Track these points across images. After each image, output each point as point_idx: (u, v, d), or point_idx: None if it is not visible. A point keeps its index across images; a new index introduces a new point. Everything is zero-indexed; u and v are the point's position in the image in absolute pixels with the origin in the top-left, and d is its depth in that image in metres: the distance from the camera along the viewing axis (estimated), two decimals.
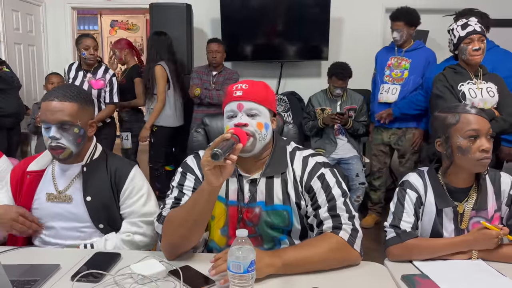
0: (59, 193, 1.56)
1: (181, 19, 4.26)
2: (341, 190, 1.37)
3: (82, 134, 1.53)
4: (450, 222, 1.44)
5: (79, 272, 1.23)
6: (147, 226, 1.57)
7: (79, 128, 1.51)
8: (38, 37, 4.80)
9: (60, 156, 1.50)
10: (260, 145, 1.36)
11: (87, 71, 3.56)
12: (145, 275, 1.20)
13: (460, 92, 2.32)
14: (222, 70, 3.93)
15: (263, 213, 1.39)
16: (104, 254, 1.36)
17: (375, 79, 3.60)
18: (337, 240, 1.27)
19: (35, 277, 1.21)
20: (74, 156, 1.53)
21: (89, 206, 1.54)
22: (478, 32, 2.32)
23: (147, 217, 1.57)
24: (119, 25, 8.04)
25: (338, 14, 4.56)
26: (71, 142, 1.50)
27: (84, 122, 1.53)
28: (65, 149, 1.49)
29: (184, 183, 1.41)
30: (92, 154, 1.60)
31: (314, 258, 1.24)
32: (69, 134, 1.49)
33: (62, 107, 1.47)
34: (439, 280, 1.24)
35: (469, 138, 1.39)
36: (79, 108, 1.51)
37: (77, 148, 1.53)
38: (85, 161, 1.58)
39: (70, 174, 1.58)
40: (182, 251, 1.35)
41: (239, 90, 1.36)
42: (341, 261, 1.28)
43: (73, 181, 1.57)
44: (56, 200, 1.55)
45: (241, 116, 1.34)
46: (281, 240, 1.41)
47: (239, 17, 4.46)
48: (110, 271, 1.27)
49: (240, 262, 1.00)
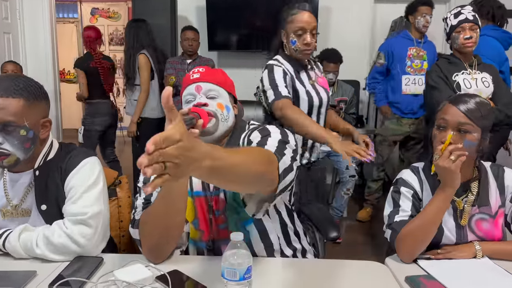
0: (15, 208, 1.35)
1: (164, 7, 4.13)
2: (282, 137, 1.22)
3: (32, 136, 1.27)
4: (450, 218, 1.38)
5: (57, 279, 1.12)
6: (74, 226, 1.27)
7: (26, 129, 1.24)
8: (14, 25, 4.59)
9: (4, 163, 1.25)
10: (223, 126, 1.30)
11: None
12: (130, 282, 1.10)
13: (454, 82, 2.28)
14: (196, 57, 3.81)
15: (228, 194, 1.29)
16: (85, 259, 1.25)
17: (390, 70, 3.53)
18: (269, 154, 1.10)
19: (9, 285, 1.10)
20: (22, 163, 1.29)
21: (45, 215, 1.33)
22: (470, 21, 2.27)
23: (76, 217, 1.28)
24: (99, 13, 7.80)
25: (326, 3, 4.48)
26: (16, 146, 1.24)
27: (33, 122, 1.26)
28: (9, 156, 1.24)
29: (150, 180, 1.30)
30: (45, 156, 1.35)
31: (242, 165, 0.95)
32: (13, 138, 1.23)
33: (4, 105, 1.20)
34: (445, 280, 1.18)
35: (439, 128, 1.35)
36: (26, 105, 1.24)
37: (25, 154, 1.27)
38: (38, 164, 1.34)
39: (23, 184, 1.35)
40: (166, 251, 1.26)
41: (196, 73, 1.34)
42: (263, 174, 1.02)
43: (27, 191, 1.35)
44: (12, 216, 1.35)
45: (199, 97, 1.29)
46: (246, 226, 1.31)
47: (224, 6, 4.36)
48: (92, 277, 1.16)
49: (236, 269, 0.91)
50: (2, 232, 1.29)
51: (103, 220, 1.33)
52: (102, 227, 1.32)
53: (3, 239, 1.27)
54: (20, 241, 1.26)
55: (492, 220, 1.38)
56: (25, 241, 1.26)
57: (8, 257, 1.28)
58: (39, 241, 1.25)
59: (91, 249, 1.28)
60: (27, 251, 1.26)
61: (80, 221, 1.27)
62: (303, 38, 1.96)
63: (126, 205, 1.66)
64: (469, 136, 1.31)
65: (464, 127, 1.30)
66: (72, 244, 1.25)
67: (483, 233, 1.37)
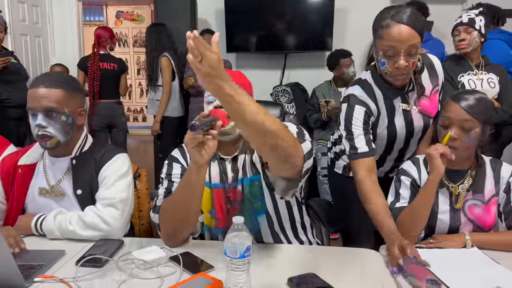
0: (52, 188, 1.54)
1: (185, 10, 4.28)
2: (299, 130, 1.33)
3: (70, 122, 1.48)
4: (446, 202, 1.49)
5: (83, 257, 1.27)
6: (105, 208, 1.46)
7: (66, 115, 1.46)
8: (44, 29, 4.84)
9: (47, 145, 1.46)
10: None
11: None
12: (146, 260, 1.24)
13: (459, 83, 2.35)
14: None
15: (244, 187, 1.43)
16: (108, 241, 1.41)
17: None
18: (292, 134, 1.20)
19: (40, 262, 1.26)
20: (62, 146, 1.50)
21: (80, 199, 1.52)
22: (464, 24, 2.37)
23: (107, 200, 1.47)
24: (124, 15, 8.05)
25: (343, 4, 4.55)
26: (58, 130, 1.45)
27: (72, 110, 1.48)
28: (52, 138, 1.45)
29: (171, 172, 1.46)
30: (81, 147, 1.57)
31: (271, 123, 1.08)
32: (56, 122, 1.44)
33: (48, 94, 1.43)
34: (434, 267, 1.27)
35: (443, 126, 1.46)
36: (67, 95, 1.46)
37: (65, 137, 1.48)
38: (74, 154, 1.55)
39: (61, 168, 1.55)
40: (182, 237, 1.39)
41: None
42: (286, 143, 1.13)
43: (64, 175, 1.54)
44: (49, 195, 1.54)
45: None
46: (258, 216, 1.44)
47: (243, 8, 4.46)
48: (113, 256, 1.31)
49: (237, 247, 1.04)
50: (39, 215, 1.48)
51: (129, 206, 1.52)
52: (128, 213, 1.51)
53: (40, 220, 1.46)
54: (56, 221, 1.44)
55: (484, 206, 1.47)
56: (59, 221, 1.44)
57: (41, 238, 1.46)
58: (72, 220, 1.44)
59: (117, 230, 1.45)
60: (60, 230, 1.44)
61: (110, 203, 1.46)
62: (394, 60, 1.50)
63: (145, 196, 1.82)
64: (472, 132, 1.41)
65: (467, 124, 1.40)
66: (101, 222, 1.43)
67: (475, 216, 1.48)
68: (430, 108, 1.70)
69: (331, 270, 1.24)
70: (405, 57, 1.48)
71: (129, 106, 8.15)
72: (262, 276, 1.19)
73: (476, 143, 1.44)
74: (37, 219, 1.47)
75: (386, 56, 1.52)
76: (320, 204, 1.94)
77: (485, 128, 1.43)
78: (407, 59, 1.48)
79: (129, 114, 8.17)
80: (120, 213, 1.46)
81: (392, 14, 1.49)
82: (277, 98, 4.21)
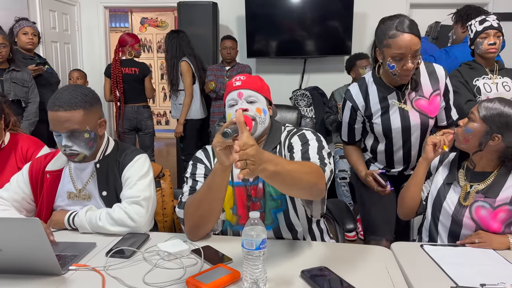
0: (79, 191, 1.65)
1: (207, 17, 4.42)
2: (318, 144, 1.46)
3: (93, 137, 1.58)
4: (456, 195, 1.58)
5: (112, 249, 1.38)
6: (130, 206, 1.56)
7: (88, 132, 1.55)
8: (73, 36, 5.05)
9: (76, 160, 1.58)
10: (261, 128, 1.51)
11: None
12: (170, 252, 1.35)
13: (475, 87, 2.37)
14: (235, 64, 4.09)
15: (265, 185, 1.52)
16: (135, 235, 1.52)
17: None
18: (318, 169, 1.35)
19: (74, 252, 1.38)
20: (89, 157, 1.61)
21: (106, 200, 1.63)
22: (494, 28, 2.35)
23: (132, 199, 1.57)
24: (149, 22, 8.26)
25: (362, 9, 4.60)
26: (83, 147, 1.55)
27: (93, 125, 1.56)
28: (79, 154, 1.55)
29: (196, 172, 1.56)
30: (104, 151, 1.66)
31: (297, 173, 1.24)
32: (80, 140, 1.53)
33: (68, 117, 1.49)
34: (445, 265, 1.31)
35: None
36: (86, 113, 1.53)
37: (90, 151, 1.59)
38: (98, 158, 1.64)
39: (86, 172, 1.65)
40: (203, 231, 1.49)
41: (238, 81, 1.54)
42: (315, 184, 1.29)
43: (89, 179, 1.65)
44: (77, 198, 1.65)
45: (241, 102, 1.50)
46: (277, 214, 1.53)
47: (263, 14, 4.56)
48: (140, 248, 1.42)
49: (253, 240, 1.12)
50: (72, 211, 1.61)
51: (153, 203, 1.62)
52: (152, 210, 1.61)
53: (73, 215, 1.59)
54: (86, 217, 1.56)
55: (492, 210, 1.51)
56: (90, 217, 1.56)
57: (74, 232, 1.58)
58: (102, 216, 1.55)
59: (142, 226, 1.56)
60: (91, 225, 1.55)
61: (135, 201, 1.56)
62: (402, 63, 1.73)
63: (168, 194, 1.92)
64: (470, 123, 1.54)
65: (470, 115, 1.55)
66: (128, 219, 1.53)
67: (479, 218, 1.53)
68: (428, 108, 1.91)
69: (343, 265, 1.31)
70: (411, 60, 1.72)
71: (153, 109, 8.29)
72: (277, 268, 1.27)
73: (475, 141, 1.52)
74: (70, 214, 1.59)
75: (395, 60, 1.75)
76: (337, 204, 2.01)
77: (488, 132, 1.49)
78: (413, 61, 1.73)
79: (153, 117, 8.34)
80: (145, 210, 1.57)
81: (396, 25, 1.72)
82: (296, 102, 4.29)
